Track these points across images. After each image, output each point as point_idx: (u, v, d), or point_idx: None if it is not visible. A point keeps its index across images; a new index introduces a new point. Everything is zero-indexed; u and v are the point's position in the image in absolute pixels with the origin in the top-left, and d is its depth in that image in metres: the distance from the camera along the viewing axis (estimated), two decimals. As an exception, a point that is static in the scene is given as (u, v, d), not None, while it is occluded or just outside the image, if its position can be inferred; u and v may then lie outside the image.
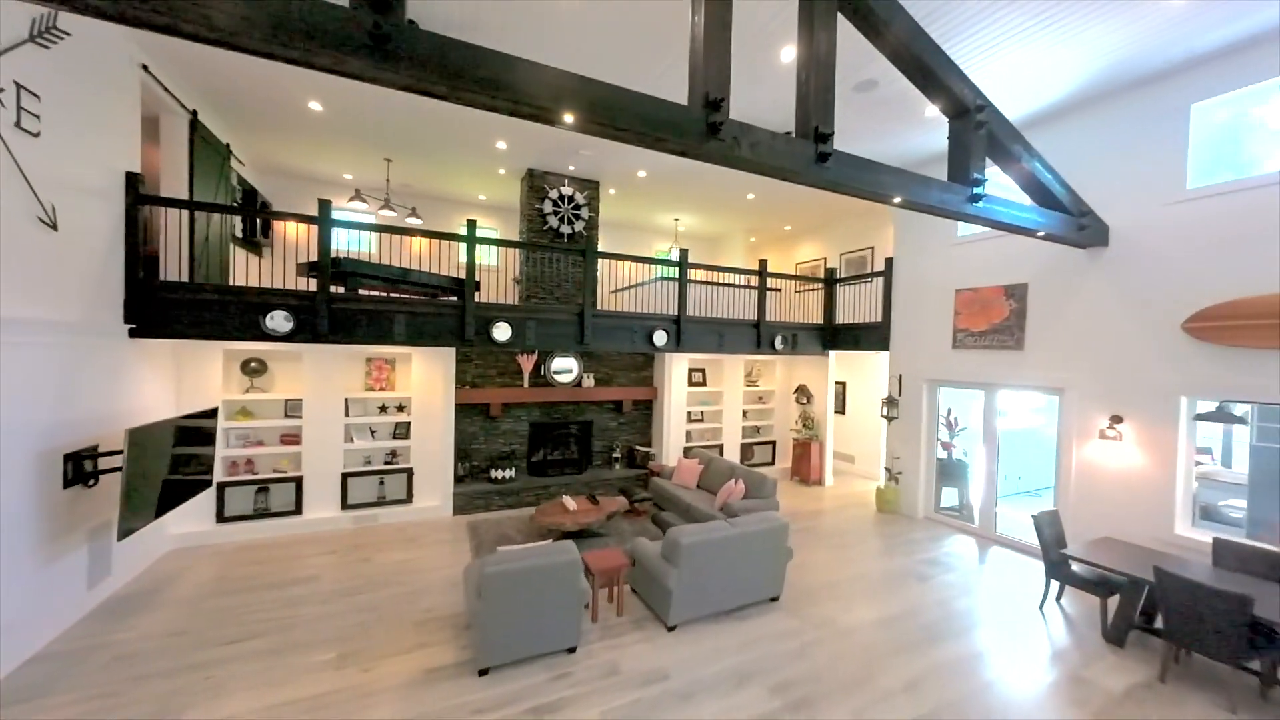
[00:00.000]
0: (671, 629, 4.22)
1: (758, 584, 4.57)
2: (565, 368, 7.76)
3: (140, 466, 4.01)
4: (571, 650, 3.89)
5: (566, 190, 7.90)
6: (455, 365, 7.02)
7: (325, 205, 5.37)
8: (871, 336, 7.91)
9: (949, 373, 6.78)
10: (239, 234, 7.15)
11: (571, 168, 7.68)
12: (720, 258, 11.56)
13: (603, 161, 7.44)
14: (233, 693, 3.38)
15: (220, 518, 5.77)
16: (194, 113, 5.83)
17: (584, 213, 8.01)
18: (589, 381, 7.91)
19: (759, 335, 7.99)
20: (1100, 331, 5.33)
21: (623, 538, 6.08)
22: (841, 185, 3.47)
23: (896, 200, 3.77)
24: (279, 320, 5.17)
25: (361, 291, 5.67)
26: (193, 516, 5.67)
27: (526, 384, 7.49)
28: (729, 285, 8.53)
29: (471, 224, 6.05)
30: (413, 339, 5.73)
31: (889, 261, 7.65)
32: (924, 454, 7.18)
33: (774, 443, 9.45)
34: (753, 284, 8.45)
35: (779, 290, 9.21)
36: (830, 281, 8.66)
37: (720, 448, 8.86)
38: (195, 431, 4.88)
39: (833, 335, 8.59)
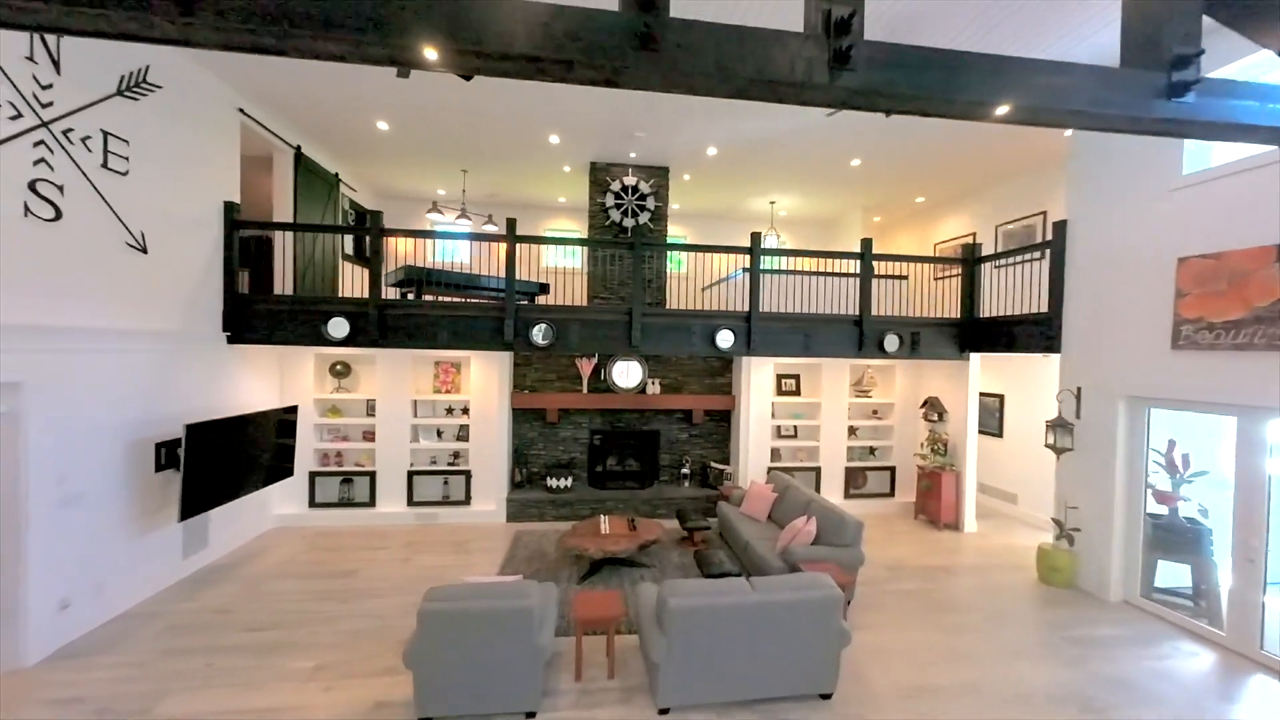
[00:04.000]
0: (663, 712, 3.18)
1: (794, 672, 3.27)
2: (627, 373, 7.01)
3: (203, 456, 4.39)
4: (530, 716, 3.12)
5: (629, 180, 7.16)
6: (513, 369, 6.78)
7: (376, 215, 5.56)
8: (1030, 334, 5.60)
9: (1166, 386, 4.35)
10: (351, 252, 7.91)
11: (633, 154, 6.93)
12: (835, 244, 9.64)
13: (663, 142, 6.55)
14: (214, 688, 3.39)
15: (311, 503, 6.29)
16: (298, 147, 6.50)
17: (650, 203, 7.18)
18: (654, 388, 7.04)
19: (861, 334, 6.24)
20: None
21: (664, 571, 5.09)
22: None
23: (1000, 112, 2.12)
24: (337, 326, 5.38)
25: (427, 297, 5.77)
26: (292, 500, 6.28)
27: (586, 389, 6.94)
28: (825, 274, 6.87)
29: (511, 222, 5.69)
30: (456, 343, 5.58)
31: (1059, 227, 5.30)
32: (1121, 506, 4.75)
33: (893, 469, 7.40)
34: (841, 270, 6.66)
35: (904, 278, 7.22)
36: (971, 261, 6.42)
37: (816, 472, 7.20)
38: (267, 425, 5.31)
39: (974, 333, 6.34)
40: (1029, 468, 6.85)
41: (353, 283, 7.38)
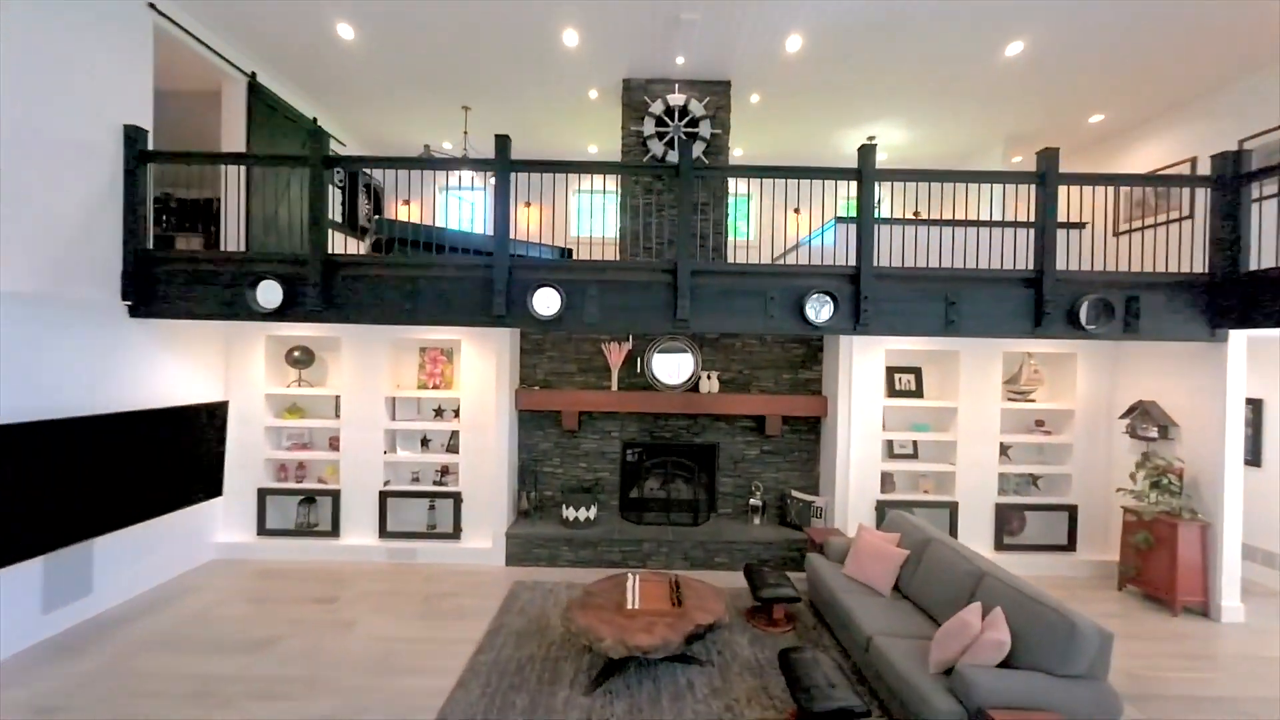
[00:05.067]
0: None
1: None
2: (672, 364, 5.02)
3: (27, 469, 2.88)
4: None
5: (676, 98, 5.18)
6: (518, 356, 4.97)
7: (319, 134, 3.96)
8: None
9: None
10: (340, 217, 6.46)
11: (680, 60, 4.95)
12: (958, 200, 7.11)
13: (723, 33, 4.55)
14: None
15: (261, 529, 4.77)
16: (252, 75, 5.06)
17: (704, 129, 5.16)
18: (710, 385, 4.98)
19: (1040, 302, 3.91)
20: None
21: (726, 675, 3.03)
22: None
23: None
24: (267, 293, 3.80)
25: (393, 260, 4.09)
26: (240, 524, 4.78)
27: (616, 386, 5.00)
28: (975, 224, 4.59)
29: (502, 142, 3.88)
30: (426, 315, 3.86)
31: None
32: None
33: (1072, 509, 4.88)
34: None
35: (1083, 225, 4.78)
36: (1232, 180, 3.90)
37: (951, 509, 4.84)
38: (177, 427, 3.83)
39: (1235, 298, 3.81)
40: None
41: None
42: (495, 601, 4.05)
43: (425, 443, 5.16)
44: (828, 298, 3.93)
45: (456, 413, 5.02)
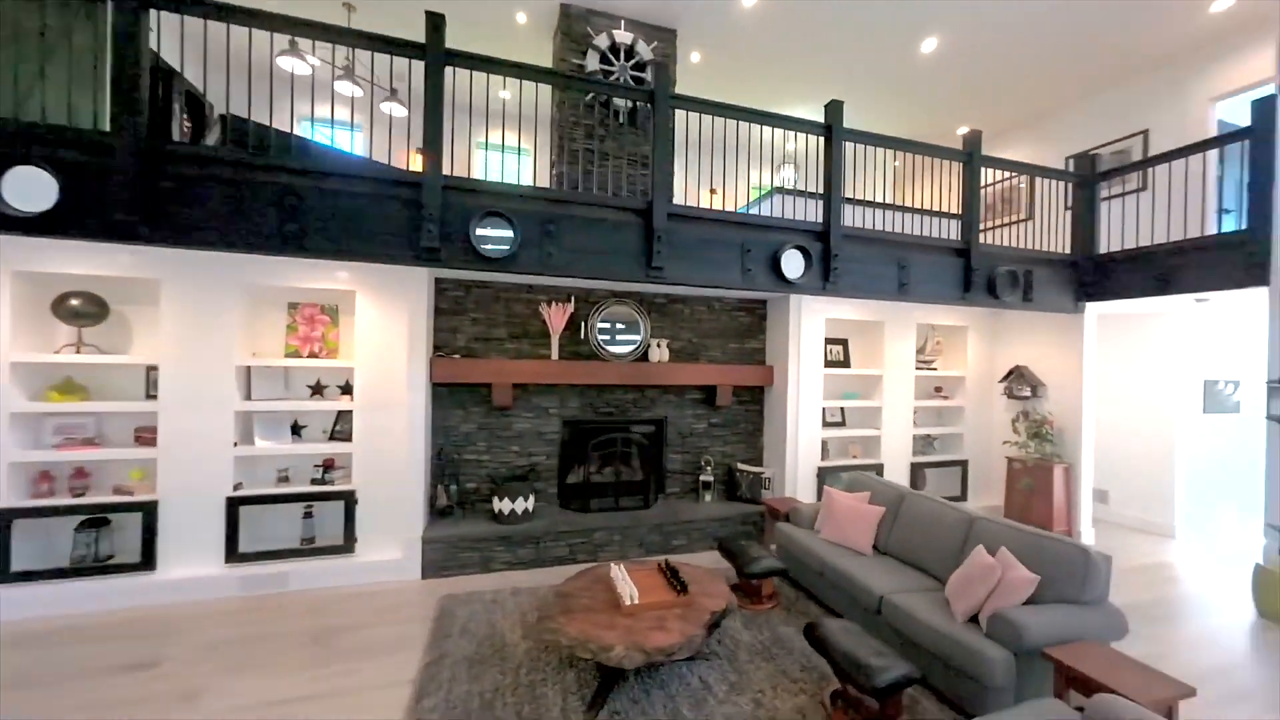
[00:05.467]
0: None
1: None
2: (621, 331, 4.45)
3: None
4: None
5: (623, 36, 4.61)
6: (432, 318, 3.93)
7: None
8: (1209, 264, 3.83)
9: None
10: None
11: (629, -8, 4.39)
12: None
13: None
14: None
15: (4, 573, 2.97)
16: None
17: (651, 75, 4.67)
18: (661, 353, 4.50)
19: (968, 270, 4.20)
20: None
21: (736, 664, 2.58)
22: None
23: None
24: (22, 185, 2.34)
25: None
26: None
27: (556, 354, 4.23)
28: (909, 210, 4.83)
29: (436, 19, 2.90)
30: (324, 244, 2.70)
31: (1265, 106, 3.57)
32: None
33: (964, 463, 5.47)
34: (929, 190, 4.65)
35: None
36: (1090, 179, 4.66)
37: (878, 471, 5.07)
38: None
39: (1095, 276, 4.57)
40: (1118, 457, 5.25)
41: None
42: (422, 626, 3.08)
43: (298, 429, 3.84)
44: (800, 254, 3.76)
45: (347, 389, 3.81)
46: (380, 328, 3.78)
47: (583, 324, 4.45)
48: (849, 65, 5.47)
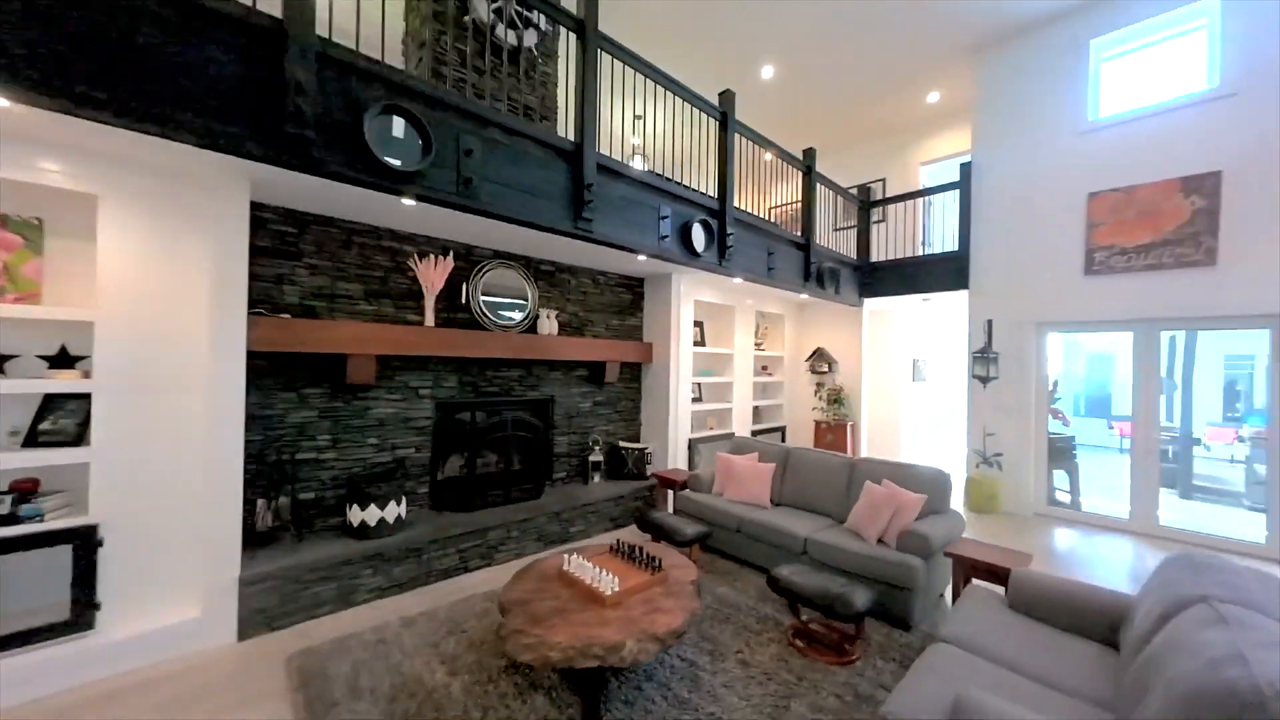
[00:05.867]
0: None
1: None
2: (507, 297, 3.87)
3: None
4: None
5: None
6: (248, 255, 2.66)
7: None
8: (937, 272, 5.53)
9: (1080, 309, 4.64)
10: None
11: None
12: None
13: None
14: None
15: None
16: None
17: (540, 20, 4.14)
18: (551, 325, 4.07)
19: (807, 263, 5.06)
20: None
21: (708, 636, 2.53)
22: None
23: None
24: None
25: None
26: None
27: (431, 319, 3.39)
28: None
29: None
30: (64, 82, 1.44)
31: (966, 169, 5.35)
32: (1034, 428, 4.95)
33: (783, 429, 6.59)
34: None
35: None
36: (867, 205, 6.15)
37: (729, 439, 5.66)
38: None
39: (870, 278, 6.08)
40: (876, 414, 7.15)
41: None
42: (276, 706, 2.09)
43: (-49, 432, 2.15)
44: (704, 229, 3.92)
45: (67, 359, 2.33)
46: (155, 262, 2.40)
47: (463, 286, 3.68)
48: (706, 67, 5.88)
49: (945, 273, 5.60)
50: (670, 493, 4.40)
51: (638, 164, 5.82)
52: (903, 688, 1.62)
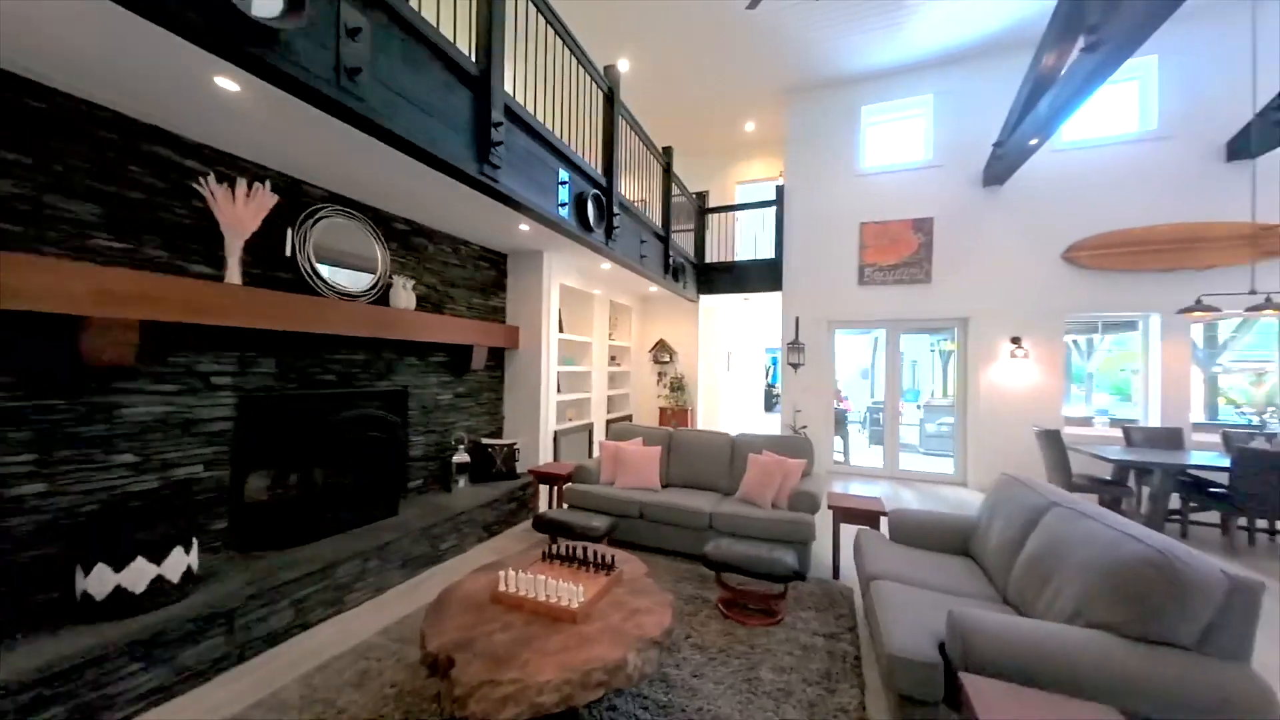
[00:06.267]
0: None
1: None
2: (349, 256, 3.01)
3: None
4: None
5: None
6: None
7: None
8: (760, 275, 6.54)
9: (855, 311, 6.10)
10: None
11: None
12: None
13: None
14: None
15: None
16: None
17: None
18: (407, 298, 3.32)
19: (667, 255, 5.37)
20: (1000, 262, 5.49)
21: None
22: None
23: None
24: None
25: None
26: None
27: (236, 274, 2.35)
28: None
29: None
30: None
31: (780, 190, 6.47)
32: (827, 405, 6.30)
33: (629, 417, 6.84)
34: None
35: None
36: (704, 210, 6.85)
37: (589, 431, 5.62)
38: None
39: (706, 276, 6.79)
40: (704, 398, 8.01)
41: None
42: None
43: None
44: (596, 205, 3.76)
45: None
46: None
47: (288, 234, 2.67)
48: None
49: (765, 276, 6.53)
50: (548, 490, 4.01)
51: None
52: (887, 628, 1.75)
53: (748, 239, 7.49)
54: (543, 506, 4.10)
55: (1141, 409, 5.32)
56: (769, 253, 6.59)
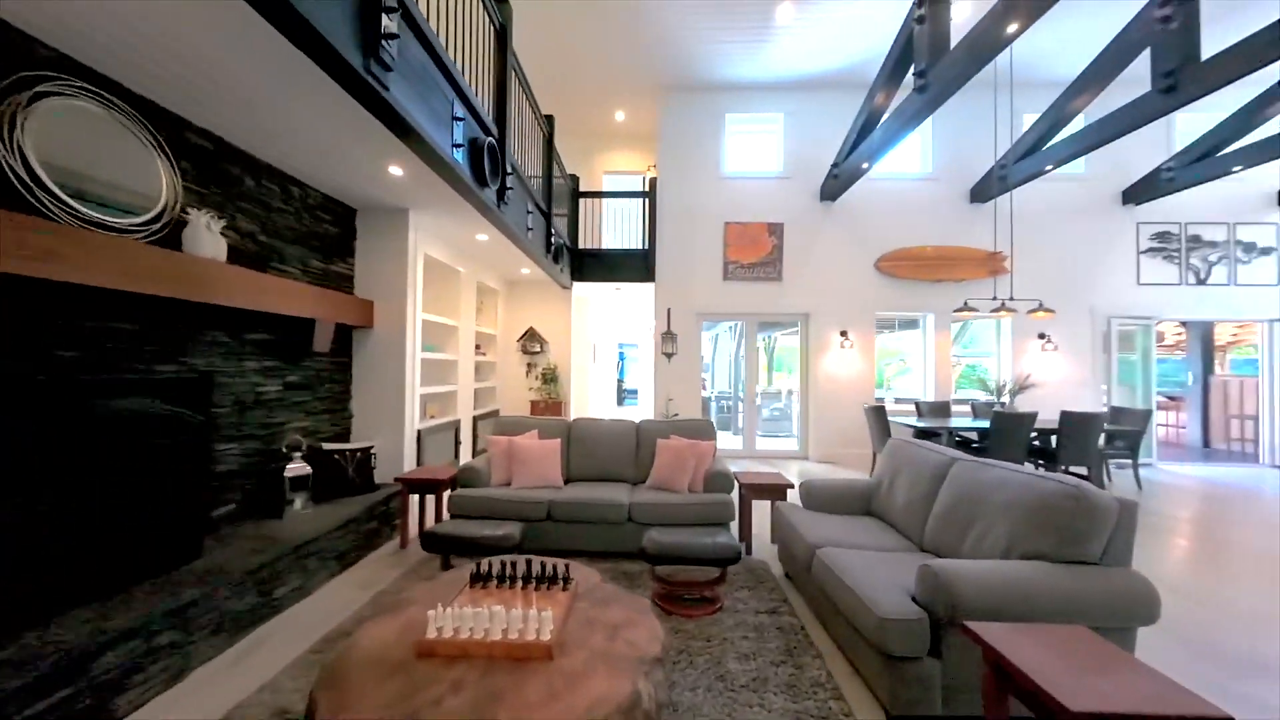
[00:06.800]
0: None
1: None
2: (114, 174, 2.00)
3: None
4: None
5: None
6: None
7: None
8: (632, 265, 6.59)
9: (720, 305, 6.58)
10: None
11: None
12: None
13: None
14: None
15: None
16: None
17: None
18: (214, 243, 2.37)
19: (549, 234, 5.03)
20: (833, 266, 6.52)
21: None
22: None
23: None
24: None
25: None
26: None
27: None
28: None
29: None
30: None
31: (653, 183, 6.63)
32: (696, 393, 6.67)
33: (496, 411, 6.25)
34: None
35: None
36: (578, 194, 6.61)
37: (455, 429, 4.96)
38: None
39: (580, 263, 6.58)
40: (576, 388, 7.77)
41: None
42: None
43: None
44: (490, 157, 3.26)
45: None
46: None
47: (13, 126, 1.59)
48: None
49: (638, 266, 6.52)
50: (420, 502, 3.27)
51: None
52: (866, 595, 1.76)
53: (611, 229, 7.39)
54: (414, 522, 3.31)
55: (920, 388, 6.74)
56: (633, 244, 6.57)
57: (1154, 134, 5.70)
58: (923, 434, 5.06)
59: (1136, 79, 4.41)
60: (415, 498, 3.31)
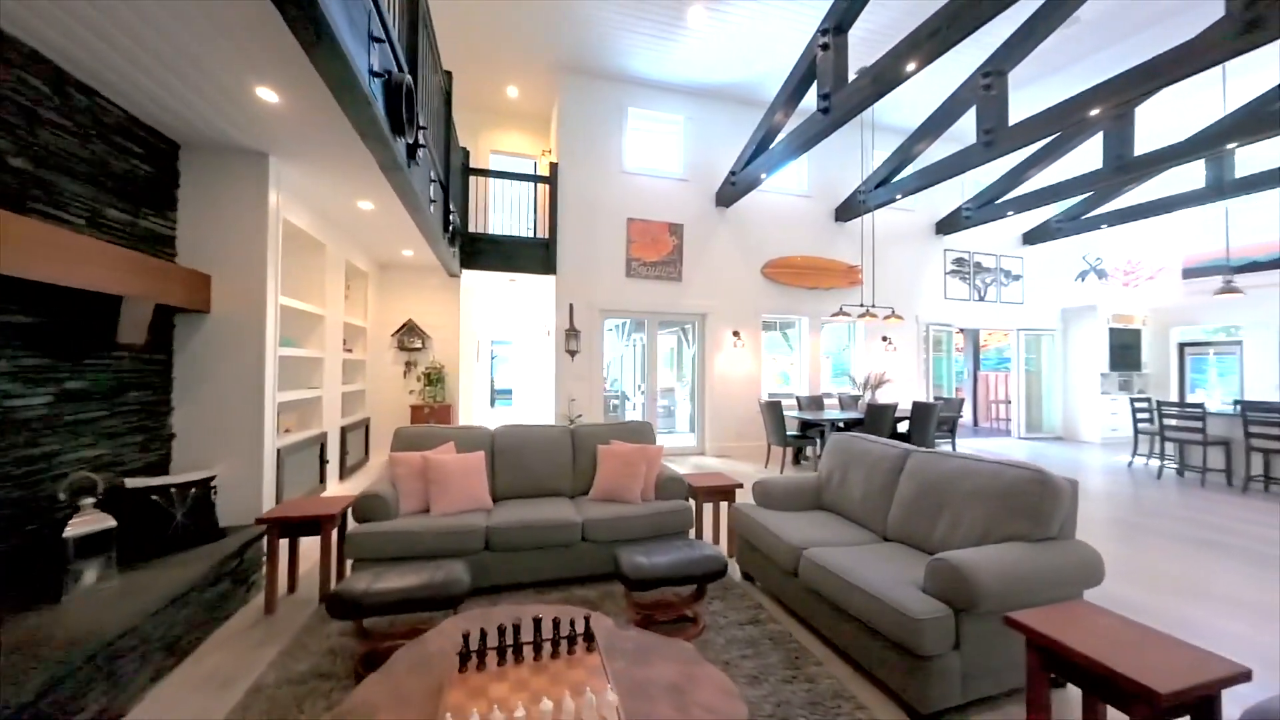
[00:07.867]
0: None
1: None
2: None
3: None
4: None
5: None
6: None
7: None
8: (531, 255, 6.15)
9: (623, 302, 6.49)
10: None
11: None
12: None
13: None
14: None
15: None
16: None
17: None
18: None
19: (447, 210, 4.42)
20: (727, 269, 6.92)
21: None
22: None
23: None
24: None
25: None
26: None
27: None
28: None
29: None
30: None
31: (554, 168, 6.26)
32: (598, 392, 6.50)
33: (367, 421, 5.28)
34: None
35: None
36: (467, 170, 5.92)
37: (322, 441, 4.06)
38: None
39: (471, 250, 5.90)
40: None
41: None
42: None
43: None
44: (407, 106, 2.64)
45: None
46: None
47: None
48: None
49: (538, 257, 6.02)
50: (292, 546, 2.47)
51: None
52: (888, 597, 1.73)
53: (499, 214, 6.72)
54: (284, 576, 2.46)
55: (797, 383, 7.45)
56: (522, 231, 6.06)
57: (960, 178, 7.10)
58: (808, 425, 5.53)
59: (963, 134, 5.40)
60: (286, 541, 2.45)
